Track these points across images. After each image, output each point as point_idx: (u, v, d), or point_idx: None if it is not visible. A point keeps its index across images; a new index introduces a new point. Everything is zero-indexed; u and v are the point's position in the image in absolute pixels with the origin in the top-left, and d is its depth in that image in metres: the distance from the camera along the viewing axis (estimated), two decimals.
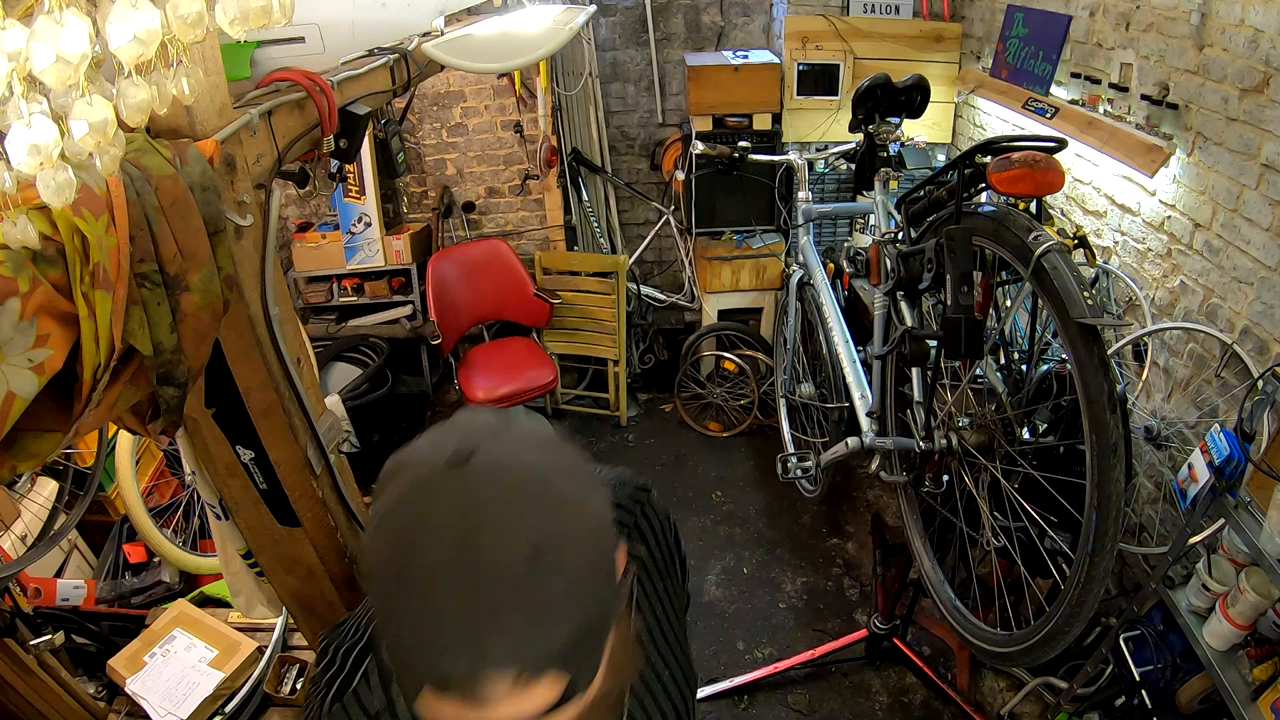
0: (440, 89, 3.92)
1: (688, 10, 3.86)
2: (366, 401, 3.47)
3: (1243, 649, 1.65)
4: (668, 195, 4.10)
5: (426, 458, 0.56)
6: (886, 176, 2.37)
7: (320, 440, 1.21)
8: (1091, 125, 2.37)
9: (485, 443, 0.55)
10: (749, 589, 2.95)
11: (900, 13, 3.42)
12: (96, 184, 0.70)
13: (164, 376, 0.80)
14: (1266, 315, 1.87)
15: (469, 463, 0.53)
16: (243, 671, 2.14)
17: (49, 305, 0.67)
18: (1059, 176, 1.62)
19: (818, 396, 3.06)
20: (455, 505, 0.52)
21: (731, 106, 3.54)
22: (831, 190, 3.65)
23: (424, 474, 0.55)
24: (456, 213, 4.19)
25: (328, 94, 1.11)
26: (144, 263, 0.76)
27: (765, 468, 3.53)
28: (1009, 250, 1.66)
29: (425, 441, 0.59)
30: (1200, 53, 1.99)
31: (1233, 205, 1.94)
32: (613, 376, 3.85)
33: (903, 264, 2.04)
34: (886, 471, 2.32)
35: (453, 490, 0.53)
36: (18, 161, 0.57)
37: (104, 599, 2.57)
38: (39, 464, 0.81)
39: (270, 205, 1.05)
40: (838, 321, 2.61)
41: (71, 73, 0.54)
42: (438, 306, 3.45)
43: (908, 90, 2.30)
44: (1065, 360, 1.64)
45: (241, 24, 0.68)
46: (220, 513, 1.29)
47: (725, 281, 3.77)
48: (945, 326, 1.72)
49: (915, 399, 2.10)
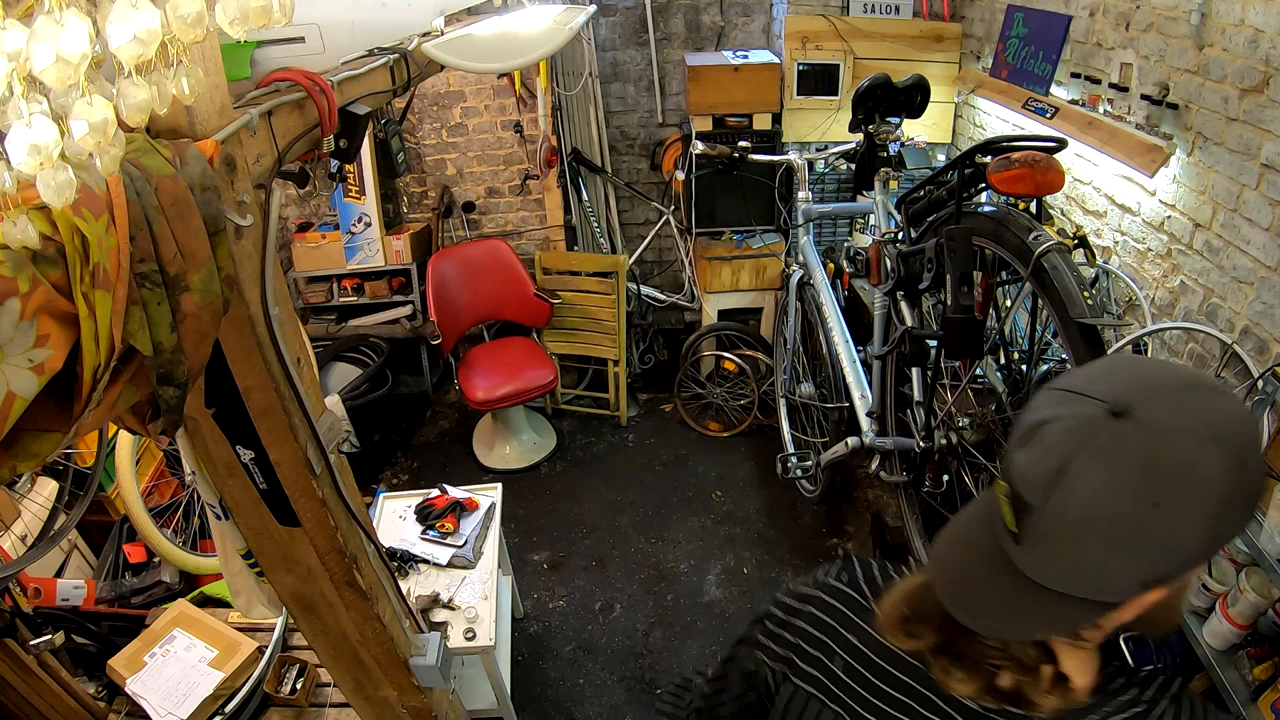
0: (440, 89, 3.92)
1: (688, 10, 3.86)
2: (366, 401, 3.48)
3: (1243, 649, 1.65)
4: (668, 195, 4.10)
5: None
6: (886, 176, 2.37)
7: (320, 440, 1.21)
8: (1091, 125, 2.37)
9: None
10: (749, 589, 2.95)
11: (900, 13, 3.42)
12: (96, 184, 0.70)
13: (164, 376, 0.80)
14: (1266, 315, 1.87)
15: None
16: (243, 671, 2.14)
17: (49, 305, 0.67)
18: (1059, 176, 1.62)
19: (818, 396, 3.06)
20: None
21: (731, 106, 3.54)
22: (831, 190, 3.65)
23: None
24: (456, 213, 4.19)
25: (328, 94, 1.11)
26: (144, 263, 0.76)
27: (765, 468, 3.53)
28: (1009, 250, 1.66)
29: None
30: (1200, 53, 1.99)
31: (1233, 205, 1.94)
32: (613, 376, 3.85)
33: (903, 264, 2.04)
34: (886, 471, 2.32)
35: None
36: (18, 161, 0.57)
37: (104, 599, 2.57)
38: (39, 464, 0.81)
39: (270, 205, 1.05)
40: (838, 321, 2.61)
41: (71, 73, 0.54)
42: (438, 306, 3.45)
43: (908, 90, 2.31)
44: (1065, 360, 1.64)
45: (241, 24, 0.68)
46: (220, 513, 1.29)
47: (725, 281, 3.77)
48: (945, 326, 1.72)
49: (915, 399, 2.10)
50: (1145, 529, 0.57)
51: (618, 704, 2.56)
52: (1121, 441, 0.57)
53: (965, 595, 0.67)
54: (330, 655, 1.52)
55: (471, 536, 2.41)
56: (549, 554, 3.17)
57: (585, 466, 3.69)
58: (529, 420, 3.79)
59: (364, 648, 1.47)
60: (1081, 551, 0.59)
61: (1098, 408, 0.59)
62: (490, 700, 2.35)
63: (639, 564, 3.09)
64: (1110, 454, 0.57)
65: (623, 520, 3.32)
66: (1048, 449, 0.60)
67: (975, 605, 0.66)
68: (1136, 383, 0.61)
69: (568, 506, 3.42)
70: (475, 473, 3.65)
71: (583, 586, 3.00)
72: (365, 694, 1.59)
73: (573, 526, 3.30)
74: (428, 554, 2.39)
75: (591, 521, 3.32)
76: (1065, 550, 0.60)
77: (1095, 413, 0.59)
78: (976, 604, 0.66)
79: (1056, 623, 0.64)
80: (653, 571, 3.05)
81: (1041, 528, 0.60)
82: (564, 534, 3.26)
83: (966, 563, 0.68)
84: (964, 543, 0.70)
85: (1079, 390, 0.61)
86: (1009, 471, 0.63)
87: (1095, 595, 0.61)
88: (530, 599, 2.95)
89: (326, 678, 2.20)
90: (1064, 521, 0.59)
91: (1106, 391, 0.60)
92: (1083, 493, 0.58)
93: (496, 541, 2.47)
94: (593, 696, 2.58)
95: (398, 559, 2.36)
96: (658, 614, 2.87)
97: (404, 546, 2.40)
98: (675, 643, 2.75)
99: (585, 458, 3.75)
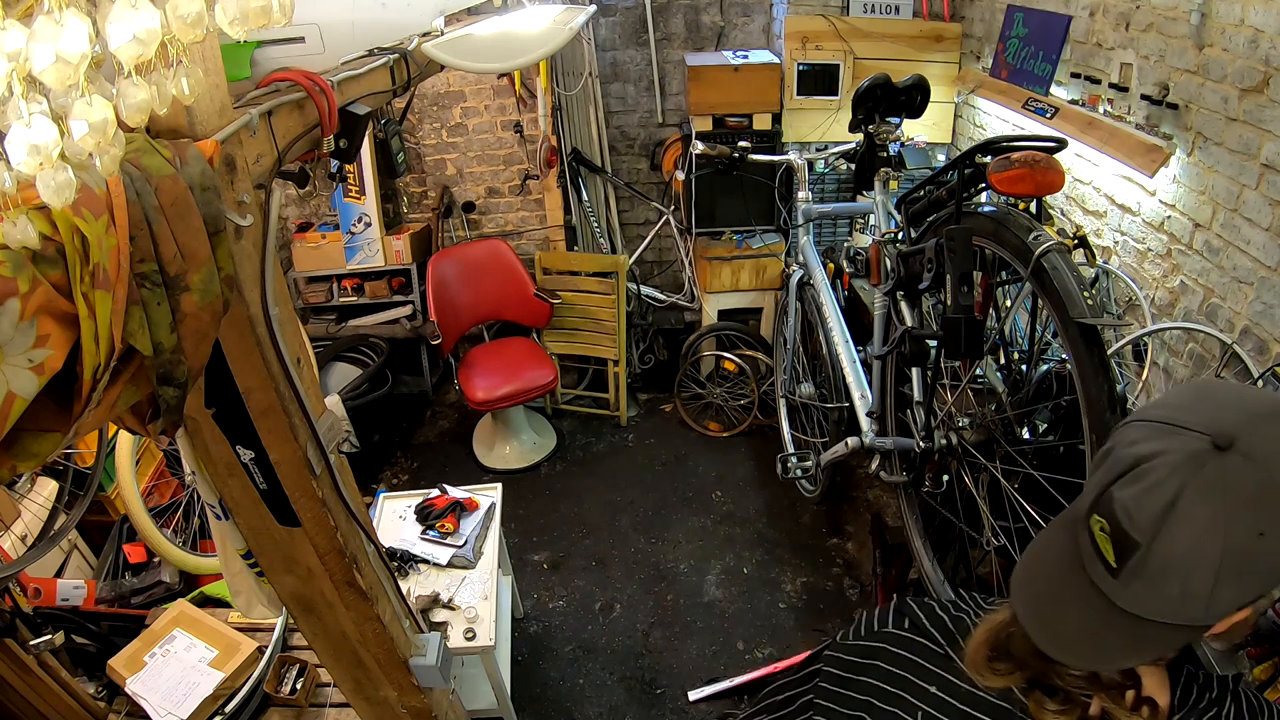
0: (440, 89, 3.92)
1: (688, 10, 3.86)
2: (366, 401, 3.48)
3: (1243, 648, 1.65)
4: (668, 195, 4.10)
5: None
6: (886, 176, 2.37)
7: (320, 440, 1.21)
8: (1091, 125, 2.37)
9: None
10: (749, 589, 2.95)
11: (900, 13, 3.42)
12: (96, 184, 0.70)
13: (164, 376, 0.80)
14: (1266, 315, 1.87)
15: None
16: (243, 671, 2.14)
17: (49, 305, 0.67)
18: (1059, 176, 1.62)
19: (818, 396, 3.06)
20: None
21: (731, 106, 3.54)
22: (831, 190, 3.65)
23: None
24: (456, 213, 4.19)
25: (328, 94, 1.11)
26: (144, 263, 0.76)
27: (765, 468, 3.53)
28: (1009, 250, 1.66)
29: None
30: (1200, 53, 1.99)
31: (1233, 205, 1.94)
32: (613, 376, 3.85)
33: (903, 264, 2.04)
34: (886, 471, 2.32)
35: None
36: (18, 161, 0.57)
37: (104, 599, 2.57)
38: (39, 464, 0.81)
39: (270, 205, 1.05)
40: (838, 321, 2.61)
41: (71, 73, 0.54)
42: (438, 306, 3.45)
43: (908, 90, 2.30)
44: (1065, 360, 1.64)
45: (241, 24, 0.68)
46: (220, 513, 1.29)
47: (725, 281, 3.77)
48: (945, 326, 1.72)
49: (915, 399, 2.10)
50: (1251, 557, 0.57)
51: (618, 704, 2.56)
52: (1229, 475, 0.57)
53: (1056, 631, 0.67)
54: (330, 655, 1.52)
55: (471, 536, 2.41)
56: (549, 554, 3.17)
57: (585, 466, 3.69)
58: (529, 420, 3.79)
59: (364, 648, 1.47)
60: (1186, 584, 0.59)
61: (1200, 441, 0.59)
62: (490, 700, 2.35)
63: (639, 564, 3.09)
64: (1219, 488, 0.57)
65: (623, 520, 3.32)
66: (1153, 485, 0.59)
67: (1067, 640, 0.66)
68: (1232, 412, 0.61)
69: (568, 506, 3.42)
70: (475, 473, 3.65)
71: (583, 586, 3.00)
72: (365, 694, 1.59)
73: (573, 526, 3.30)
74: (428, 554, 2.39)
75: (591, 521, 3.32)
76: (1169, 584, 0.59)
77: (1199, 446, 0.59)
78: (1068, 638, 0.66)
79: (1150, 650, 0.65)
80: (653, 571, 3.05)
81: (1148, 564, 0.60)
82: (564, 534, 3.26)
83: (1053, 598, 0.68)
84: (1047, 577, 0.69)
85: (1175, 422, 0.61)
86: (1108, 508, 0.62)
87: (1193, 622, 0.61)
88: (530, 599, 2.95)
89: (326, 678, 2.20)
90: (1173, 557, 0.59)
91: (1205, 423, 0.60)
92: (1193, 529, 0.57)
93: (496, 541, 2.47)
94: (593, 696, 2.58)
95: (398, 559, 2.36)
96: (658, 614, 2.87)
97: (404, 546, 2.40)
98: (675, 643, 2.75)
99: (585, 458, 3.75)
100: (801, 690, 0.88)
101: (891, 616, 0.86)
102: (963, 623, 0.82)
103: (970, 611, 0.83)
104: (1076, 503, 0.69)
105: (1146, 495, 0.59)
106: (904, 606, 0.86)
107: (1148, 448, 0.61)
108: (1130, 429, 0.64)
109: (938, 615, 0.84)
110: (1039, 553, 0.72)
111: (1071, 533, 0.67)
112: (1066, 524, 0.69)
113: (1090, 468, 0.68)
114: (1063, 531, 0.69)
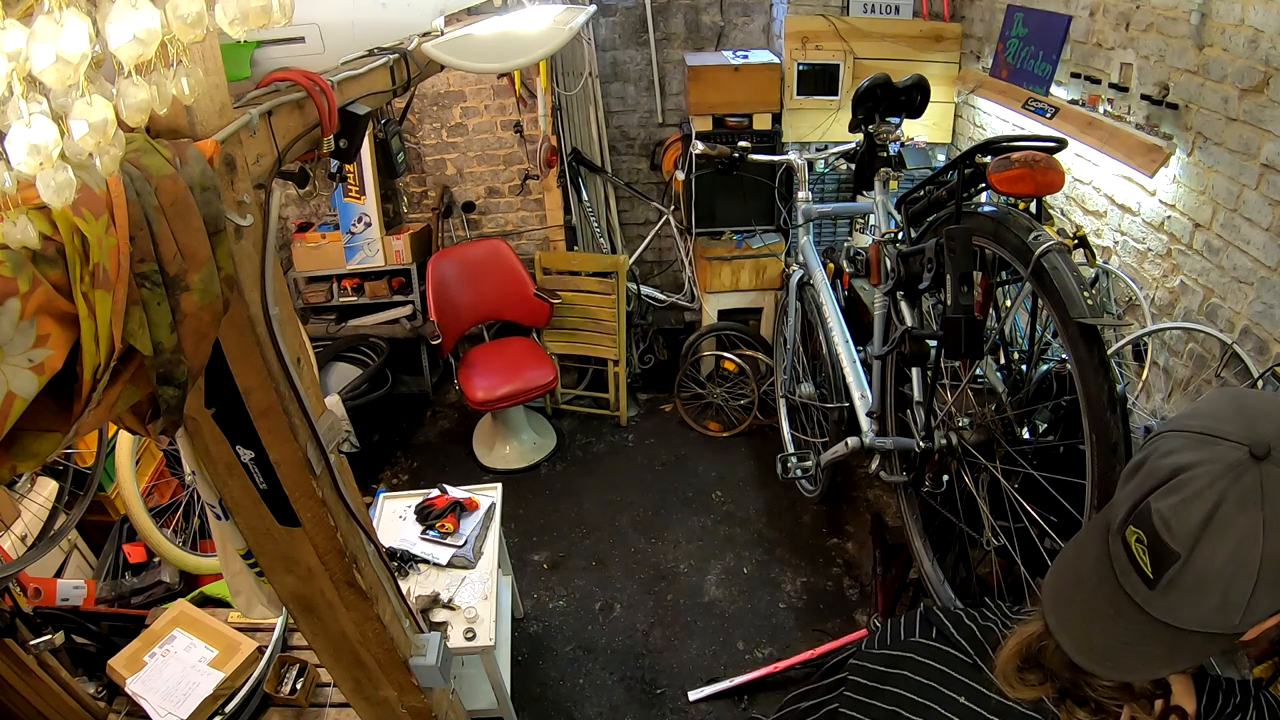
0: (440, 89, 3.92)
1: (688, 10, 3.86)
2: (366, 401, 3.48)
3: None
4: (668, 195, 4.10)
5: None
6: (886, 176, 2.37)
7: (320, 440, 1.21)
8: (1091, 125, 2.37)
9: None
10: (749, 589, 2.95)
11: (900, 13, 3.42)
12: (96, 184, 0.70)
13: (164, 376, 0.80)
14: (1266, 315, 1.87)
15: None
16: (243, 671, 2.14)
17: (49, 305, 0.67)
18: (1059, 176, 1.62)
19: (818, 396, 3.06)
20: None
21: (731, 106, 3.54)
22: (831, 190, 3.65)
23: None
24: (456, 213, 4.19)
25: (328, 94, 1.11)
26: (144, 263, 0.76)
27: (765, 468, 3.52)
28: (1009, 250, 1.66)
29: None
30: (1200, 53, 1.99)
31: (1233, 205, 1.94)
32: (613, 376, 3.85)
33: (903, 264, 2.04)
34: (886, 471, 2.32)
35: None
36: (18, 161, 0.57)
37: (104, 599, 2.57)
38: (39, 464, 0.81)
39: (270, 205, 1.05)
40: (838, 321, 2.61)
41: (71, 73, 0.54)
42: (438, 306, 3.45)
43: (908, 90, 2.30)
44: (1065, 360, 1.64)
45: (241, 24, 0.68)
46: (220, 513, 1.29)
47: (725, 281, 3.77)
48: (945, 326, 1.72)
49: (915, 399, 2.10)
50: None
51: (618, 704, 2.56)
52: (1267, 484, 0.57)
53: (1091, 642, 0.66)
54: (330, 655, 1.52)
55: (471, 536, 2.41)
56: (549, 554, 3.17)
57: (585, 466, 3.69)
58: (529, 420, 3.79)
59: (364, 648, 1.47)
60: (1226, 593, 0.59)
61: (1238, 451, 0.59)
62: (490, 700, 2.35)
63: (639, 564, 3.09)
64: (1258, 497, 0.57)
65: (623, 520, 3.32)
66: (1192, 496, 0.59)
67: (1102, 651, 0.66)
68: (1268, 421, 0.60)
69: (568, 506, 3.42)
70: (475, 473, 3.65)
71: (583, 586, 3.00)
72: (365, 694, 1.59)
73: (573, 526, 3.30)
74: (428, 554, 2.39)
75: (591, 521, 3.32)
76: (1209, 594, 0.59)
77: (1237, 456, 0.59)
78: (1103, 650, 0.66)
79: (1184, 659, 0.64)
80: (652, 571, 3.05)
81: (1186, 574, 0.59)
82: (564, 534, 3.26)
83: (1087, 609, 0.67)
84: (1080, 589, 0.69)
85: (1211, 432, 0.61)
86: (1145, 519, 0.62)
87: (1228, 630, 0.61)
88: (530, 599, 2.95)
89: (326, 678, 2.20)
90: (1212, 567, 0.58)
91: (1242, 433, 0.60)
92: (1233, 538, 0.57)
93: (496, 541, 2.47)
94: (593, 696, 2.58)
95: (398, 559, 2.36)
96: (658, 614, 2.87)
97: (404, 546, 2.40)
98: (675, 643, 2.75)
99: (585, 458, 3.75)
100: (827, 699, 0.87)
101: (919, 625, 0.85)
102: (991, 632, 0.81)
103: (998, 621, 0.82)
104: (1107, 512, 0.68)
105: (1185, 506, 0.59)
106: (930, 615, 0.85)
107: (1185, 458, 0.61)
108: (1165, 439, 0.64)
109: (966, 625, 0.83)
110: (1071, 564, 0.71)
111: (1104, 544, 0.67)
112: (1098, 535, 0.68)
113: (1121, 478, 0.68)
114: (1095, 542, 0.69)
